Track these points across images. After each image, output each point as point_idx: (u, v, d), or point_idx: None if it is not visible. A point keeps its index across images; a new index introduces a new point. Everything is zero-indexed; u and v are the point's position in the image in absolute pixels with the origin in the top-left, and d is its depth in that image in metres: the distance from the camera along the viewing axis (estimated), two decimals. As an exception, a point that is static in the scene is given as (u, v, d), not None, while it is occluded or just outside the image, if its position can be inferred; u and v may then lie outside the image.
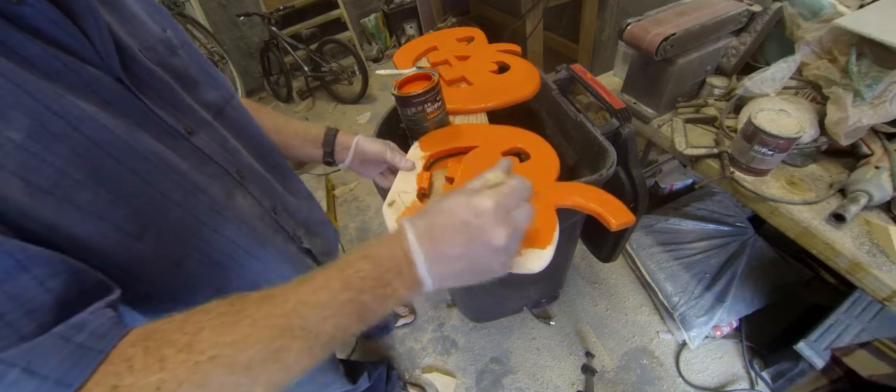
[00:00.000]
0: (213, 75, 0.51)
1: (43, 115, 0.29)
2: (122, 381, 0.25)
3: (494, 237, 0.34)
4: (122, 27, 0.39)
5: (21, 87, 0.28)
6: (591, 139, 0.75)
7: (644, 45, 0.90)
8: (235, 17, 2.90)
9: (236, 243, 0.46)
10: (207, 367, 0.27)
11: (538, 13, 1.81)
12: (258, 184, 0.52)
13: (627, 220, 0.54)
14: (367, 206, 2.11)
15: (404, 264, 0.34)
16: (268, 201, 0.53)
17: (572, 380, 1.29)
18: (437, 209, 0.36)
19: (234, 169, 0.48)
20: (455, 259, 0.34)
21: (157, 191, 0.37)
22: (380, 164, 0.70)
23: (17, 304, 0.25)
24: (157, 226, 0.37)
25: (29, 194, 0.28)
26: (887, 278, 0.65)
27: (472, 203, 0.35)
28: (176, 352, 0.27)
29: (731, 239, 1.32)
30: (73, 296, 0.28)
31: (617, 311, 1.43)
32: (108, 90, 0.35)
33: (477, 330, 1.46)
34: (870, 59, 0.74)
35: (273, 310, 0.30)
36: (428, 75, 0.70)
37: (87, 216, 0.31)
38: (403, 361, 1.43)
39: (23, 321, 0.25)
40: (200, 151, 0.43)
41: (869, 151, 0.76)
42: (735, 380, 1.20)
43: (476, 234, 0.34)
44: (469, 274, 0.36)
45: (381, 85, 3.06)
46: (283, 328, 0.29)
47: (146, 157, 0.36)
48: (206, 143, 0.44)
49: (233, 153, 0.48)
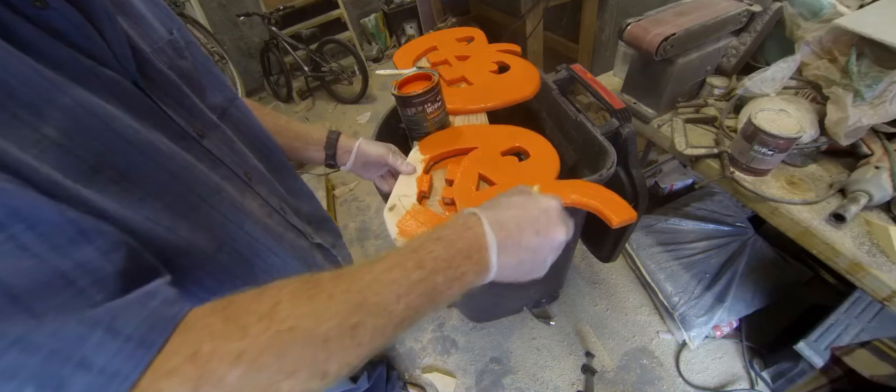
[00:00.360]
0: (216, 76, 0.51)
1: (76, 112, 0.29)
2: (203, 347, 0.25)
3: (559, 234, 0.38)
4: (134, 29, 0.39)
5: (55, 85, 0.28)
6: (591, 139, 0.75)
7: (644, 45, 0.90)
8: (235, 17, 2.89)
9: (257, 239, 0.46)
10: (287, 338, 0.26)
11: (538, 13, 1.81)
12: (264, 185, 0.52)
13: (629, 216, 0.54)
14: (367, 205, 2.11)
15: (476, 249, 0.35)
16: (275, 200, 0.53)
17: (572, 380, 1.29)
18: (505, 202, 0.38)
19: (243, 171, 0.48)
20: (523, 250, 0.37)
21: (186, 187, 0.37)
22: (381, 166, 0.70)
23: (85, 272, 0.24)
24: (190, 220, 0.37)
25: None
26: (887, 278, 0.65)
27: (541, 202, 0.39)
28: (256, 320, 0.26)
29: (731, 239, 1.32)
30: (132, 271, 0.27)
31: (617, 311, 1.43)
32: (127, 93, 0.35)
33: (477, 330, 1.46)
34: (870, 59, 0.74)
35: (349, 286, 0.30)
36: (428, 75, 0.70)
37: (123, 209, 0.31)
38: (403, 361, 1.43)
39: (93, 289, 0.24)
40: (212, 155, 0.44)
41: (869, 151, 0.76)
42: (735, 380, 1.20)
43: (545, 229, 0.38)
44: (528, 266, 0.38)
45: (381, 85, 3.06)
46: (358, 304, 0.29)
47: (171, 156, 0.36)
48: (216, 146, 0.45)
49: (240, 155, 0.49)
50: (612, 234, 0.91)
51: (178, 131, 0.40)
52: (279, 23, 2.77)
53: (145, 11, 0.42)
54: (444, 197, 0.63)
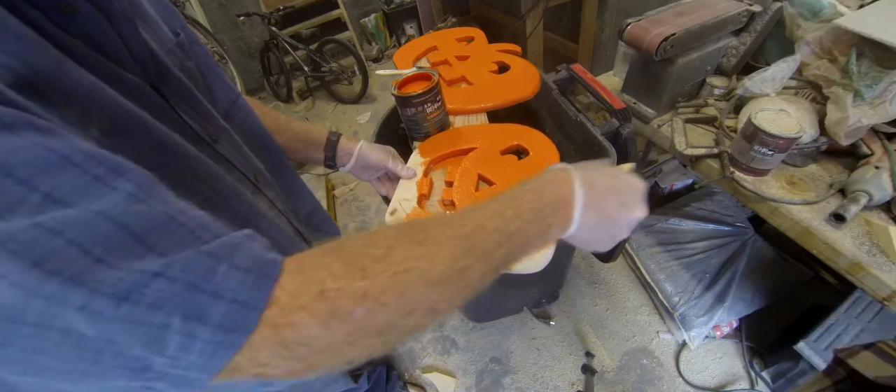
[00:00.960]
0: (219, 75, 0.50)
1: (116, 114, 0.30)
2: (328, 286, 0.26)
3: (639, 211, 0.40)
4: (147, 32, 0.39)
5: (96, 88, 0.29)
6: (591, 139, 0.75)
7: (644, 45, 0.90)
8: (235, 17, 2.89)
9: (274, 239, 0.46)
10: (405, 278, 0.28)
11: (538, 13, 1.81)
12: (270, 188, 0.52)
13: None
14: (367, 205, 2.11)
15: (563, 204, 0.36)
16: (281, 203, 0.53)
17: (572, 380, 1.29)
18: (597, 169, 0.40)
19: (252, 174, 0.48)
20: (603, 215, 0.38)
21: (212, 189, 0.38)
22: (380, 170, 0.70)
23: (188, 217, 0.25)
24: (223, 218, 0.38)
25: None
26: (887, 278, 0.65)
27: (629, 178, 0.41)
28: (373, 262, 0.28)
29: (731, 239, 1.32)
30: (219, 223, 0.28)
31: (617, 311, 1.43)
32: (148, 97, 0.35)
33: (477, 330, 1.46)
34: (870, 59, 0.74)
35: (455, 231, 0.31)
36: (428, 75, 0.70)
37: None
38: (403, 361, 1.43)
39: (201, 230, 0.25)
40: (225, 159, 0.44)
41: (869, 151, 0.76)
42: (735, 380, 1.20)
43: (629, 202, 0.39)
44: (603, 232, 0.39)
45: (381, 85, 3.06)
46: (466, 249, 0.30)
47: (197, 158, 0.37)
48: (227, 150, 0.45)
49: (247, 158, 0.49)
50: (612, 234, 0.91)
51: (194, 136, 0.40)
52: (279, 23, 2.76)
53: (153, 12, 0.42)
54: (444, 199, 0.63)
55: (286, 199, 0.57)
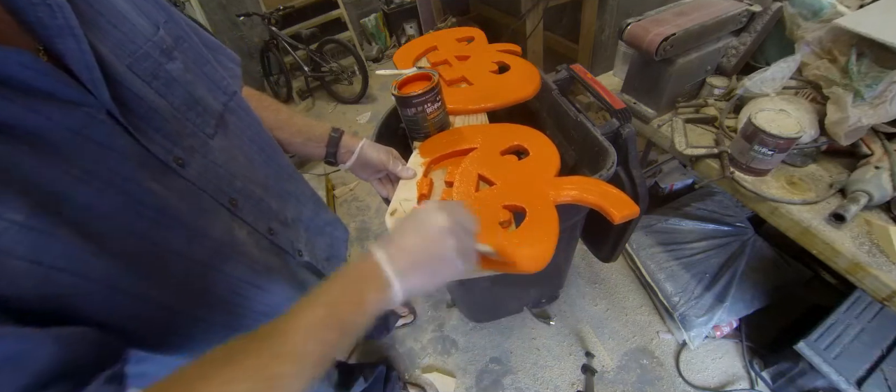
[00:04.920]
0: (209, 75, 0.47)
1: (39, 189, 0.28)
2: None
3: (450, 240, 0.40)
4: (107, 41, 0.35)
5: (9, 164, 0.27)
6: (591, 139, 0.75)
7: (644, 45, 0.90)
8: (235, 17, 2.89)
9: (238, 278, 0.46)
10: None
11: (538, 13, 1.81)
12: (252, 208, 0.50)
13: (631, 211, 0.53)
14: (367, 205, 2.11)
15: (371, 270, 0.37)
16: (263, 224, 0.52)
17: (572, 380, 1.29)
18: (399, 225, 0.41)
19: (227, 199, 0.46)
20: (420, 253, 0.39)
21: (161, 247, 0.37)
22: (381, 170, 0.70)
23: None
24: (163, 282, 0.38)
25: (39, 278, 0.27)
26: (887, 278, 0.65)
27: (430, 215, 0.40)
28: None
29: (731, 239, 1.32)
30: (72, 370, 0.28)
31: (617, 311, 1.43)
32: (99, 129, 0.32)
33: (477, 330, 1.46)
34: (870, 59, 0.74)
35: (260, 344, 0.31)
36: (428, 75, 0.70)
37: (99, 287, 0.32)
38: (403, 361, 1.43)
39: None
40: (193, 186, 0.41)
41: (869, 151, 0.76)
42: (735, 380, 1.20)
43: (433, 236, 0.39)
44: (434, 267, 0.40)
45: (381, 85, 3.06)
46: (272, 356, 0.30)
47: (142, 208, 0.36)
48: (197, 174, 0.42)
49: (225, 180, 0.46)
50: (612, 234, 0.91)
51: (156, 165, 0.38)
52: (279, 23, 2.76)
53: (128, 9, 0.38)
54: (444, 199, 0.63)
55: (277, 214, 0.56)
